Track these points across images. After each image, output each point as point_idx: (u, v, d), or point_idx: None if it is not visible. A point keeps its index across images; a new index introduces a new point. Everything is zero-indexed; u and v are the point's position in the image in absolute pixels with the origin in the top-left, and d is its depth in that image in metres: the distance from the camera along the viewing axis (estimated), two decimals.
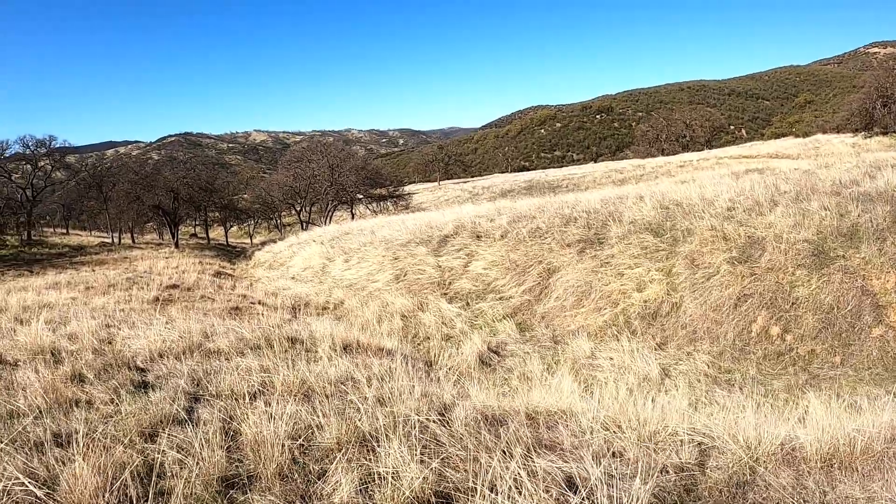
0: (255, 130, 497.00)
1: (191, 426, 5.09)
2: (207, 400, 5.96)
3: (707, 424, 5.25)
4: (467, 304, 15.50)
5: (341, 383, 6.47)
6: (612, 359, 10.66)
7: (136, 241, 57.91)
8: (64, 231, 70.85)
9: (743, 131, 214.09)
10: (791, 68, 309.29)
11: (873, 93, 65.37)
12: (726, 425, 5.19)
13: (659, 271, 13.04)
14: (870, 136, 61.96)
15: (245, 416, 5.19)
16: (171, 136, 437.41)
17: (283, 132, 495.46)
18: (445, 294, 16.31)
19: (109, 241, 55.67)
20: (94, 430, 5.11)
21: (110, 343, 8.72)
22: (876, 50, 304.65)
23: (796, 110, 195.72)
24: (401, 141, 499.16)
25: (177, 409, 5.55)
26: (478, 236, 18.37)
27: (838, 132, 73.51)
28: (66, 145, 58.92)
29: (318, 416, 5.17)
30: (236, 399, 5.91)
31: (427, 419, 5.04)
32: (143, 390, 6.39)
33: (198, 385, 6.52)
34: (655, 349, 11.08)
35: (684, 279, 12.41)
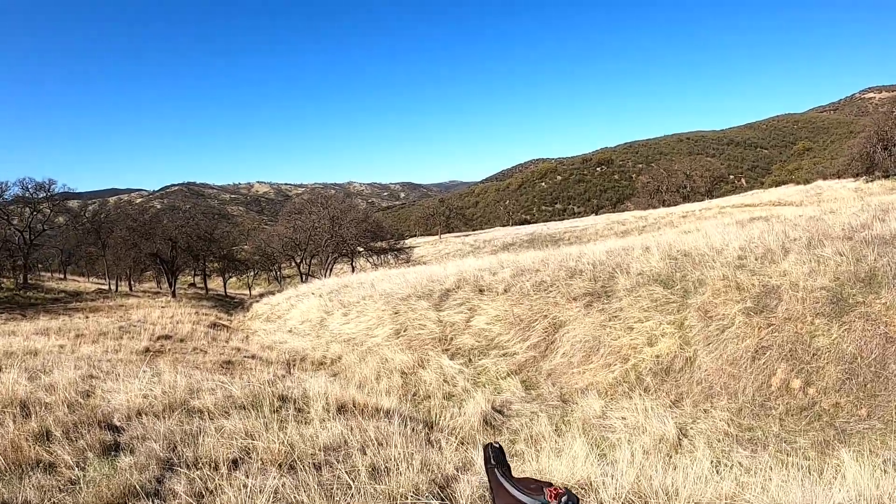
0: (257, 182, 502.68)
1: (157, 503, 4.48)
2: (181, 469, 5.33)
3: (741, 496, 4.66)
4: (469, 360, 14.91)
5: (333, 450, 5.85)
6: (624, 418, 10.04)
7: (133, 289, 57.39)
8: (61, 276, 70.50)
9: (743, 180, 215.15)
10: (788, 116, 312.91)
11: (873, 136, 65.83)
12: (766, 494, 4.60)
13: (670, 324, 12.48)
14: (871, 181, 62.05)
15: (220, 490, 4.59)
16: (174, 185, 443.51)
17: (286, 184, 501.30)
18: (447, 350, 15.74)
19: (106, 288, 55.20)
20: (48, 500, 4.52)
21: (89, 396, 8.15)
22: (871, 95, 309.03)
23: (795, 158, 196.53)
24: (402, 194, 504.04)
25: (146, 479, 4.95)
26: (480, 290, 17.86)
27: (839, 178, 73.74)
28: (67, 190, 58.72)
29: (301, 493, 4.55)
30: (215, 468, 5.30)
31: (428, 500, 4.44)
32: (113, 453, 5.80)
33: (174, 450, 5.90)
34: (670, 407, 10.46)
35: (697, 332, 11.84)
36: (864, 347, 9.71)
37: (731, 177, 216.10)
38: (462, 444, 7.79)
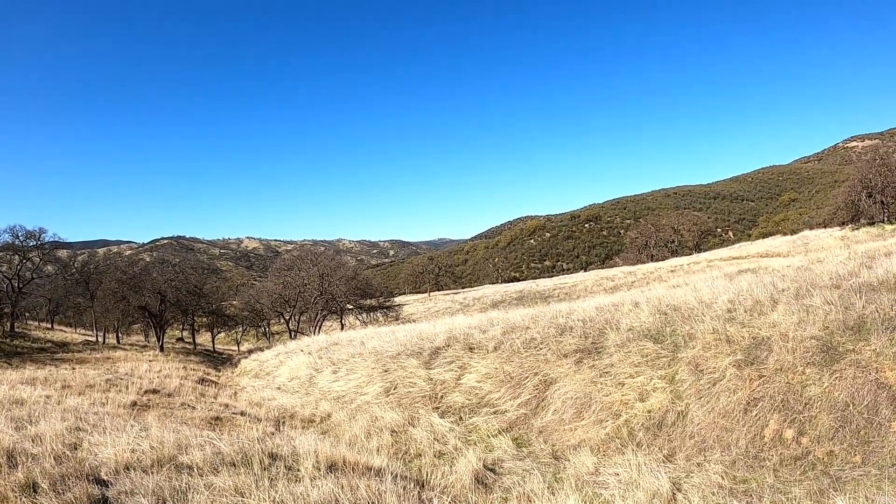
0: (247, 237, 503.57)
1: None
2: None
3: None
4: (460, 418, 14.81)
5: None
6: (617, 474, 9.93)
7: (120, 341, 56.85)
8: (49, 326, 69.63)
9: (730, 233, 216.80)
10: (773, 168, 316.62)
11: (857, 185, 67.38)
12: None
13: (661, 379, 12.46)
14: (857, 228, 63.30)
15: None
16: (164, 238, 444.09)
17: (275, 240, 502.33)
18: (437, 408, 15.64)
19: (93, 339, 54.66)
20: None
21: (76, 448, 8.07)
22: (854, 144, 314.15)
23: (781, 209, 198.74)
24: (391, 252, 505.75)
25: None
26: (470, 348, 17.82)
27: (825, 227, 75.00)
28: (57, 239, 58.44)
29: None
30: None
31: None
32: None
33: None
34: (663, 461, 10.39)
35: (689, 386, 11.82)
36: (855, 395, 9.72)
37: (719, 230, 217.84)
38: (454, 502, 7.71)
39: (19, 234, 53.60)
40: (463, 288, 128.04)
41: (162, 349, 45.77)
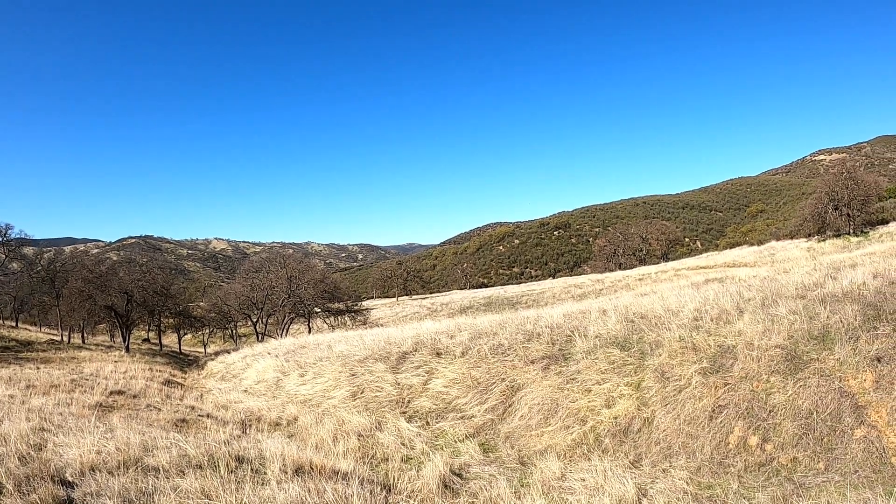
0: (215, 238, 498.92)
1: None
2: None
3: None
4: (427, 423, 14.81)
5: None
6: (583, 480, 10.00)
7: (86, 341, 55.88)
8: (13, 324, 68.27)
9: (698, 243, 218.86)
10: (741, 179, 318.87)
11: (824, 197, 68.71)
12: None
13: (628, 386, 12.57)
14: (824, 240, 64.73)
15: None
16: (131, 237, 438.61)
17: (244, 241, 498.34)
18: (404, 413, 15.63)
19: (59, 338, 53.74)
20: None
21: (41, 449, 7.97)
22: (822, 157, 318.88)
23: (749, 220, 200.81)
24: (360, 256, 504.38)
25: None
26: (438, 353, 17.83)
27: (792, 238, 76.34)
28: (24, 236, 57.26)
29: None
30: None
31: None
32: None
33: None
34: (629, 467, 10.47)
35: (655, 393, 11.94)
36: (819, 403, 9.90)
37: (687, 239, 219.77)
38: None
39: None
40: (431, 293, 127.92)
41: (128, 350, 45.11)
